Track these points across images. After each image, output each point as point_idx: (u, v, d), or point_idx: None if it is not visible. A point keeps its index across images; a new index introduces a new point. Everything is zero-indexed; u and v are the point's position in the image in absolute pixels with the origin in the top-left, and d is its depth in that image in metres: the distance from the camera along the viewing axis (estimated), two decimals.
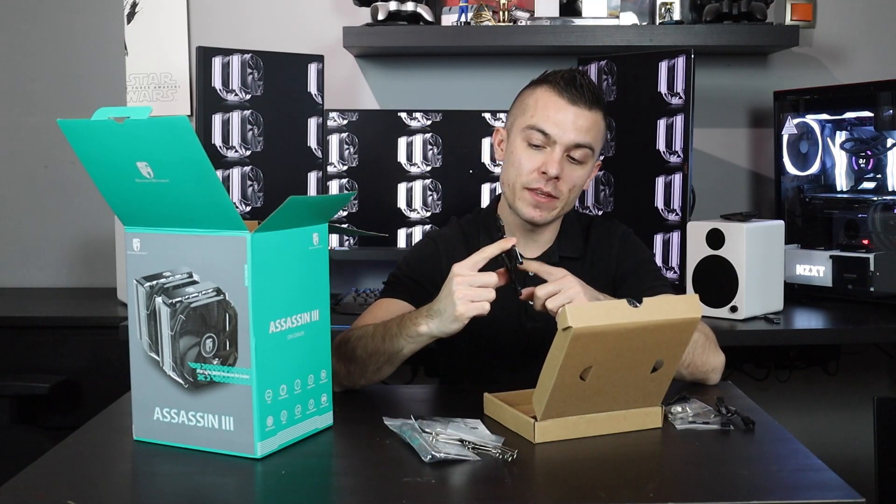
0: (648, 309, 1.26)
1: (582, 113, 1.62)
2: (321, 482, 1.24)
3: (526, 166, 1.64)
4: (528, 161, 1.64)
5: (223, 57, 2.45)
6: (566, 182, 1.64)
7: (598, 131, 1.65)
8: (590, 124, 1.63)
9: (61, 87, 2.82)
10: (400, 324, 1.50)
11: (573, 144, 1.62)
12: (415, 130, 2.57)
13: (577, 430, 1.33)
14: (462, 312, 1.40)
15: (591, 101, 1.63)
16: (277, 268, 1.27)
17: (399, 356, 1.52)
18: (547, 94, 1.64)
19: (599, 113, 1.65)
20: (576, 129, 1.62)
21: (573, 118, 1.62)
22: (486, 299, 1.41)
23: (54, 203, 2.85)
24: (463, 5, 2.56)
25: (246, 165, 2.49)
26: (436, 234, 1.81)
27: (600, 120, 1.66)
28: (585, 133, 1.63)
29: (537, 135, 1.63)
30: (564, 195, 1.65)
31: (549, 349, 1.28)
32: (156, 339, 1.31)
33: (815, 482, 1.18)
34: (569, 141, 1.62)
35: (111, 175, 1.26)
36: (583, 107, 1.62)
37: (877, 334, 2.29)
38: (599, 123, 1.66)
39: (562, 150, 1.62)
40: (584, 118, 1.62)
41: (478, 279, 1.41)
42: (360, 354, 1.52)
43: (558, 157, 1.62)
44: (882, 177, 2.43)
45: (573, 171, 1.64)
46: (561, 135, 1.62)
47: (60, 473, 1.24)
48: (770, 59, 2.78)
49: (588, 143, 1.63)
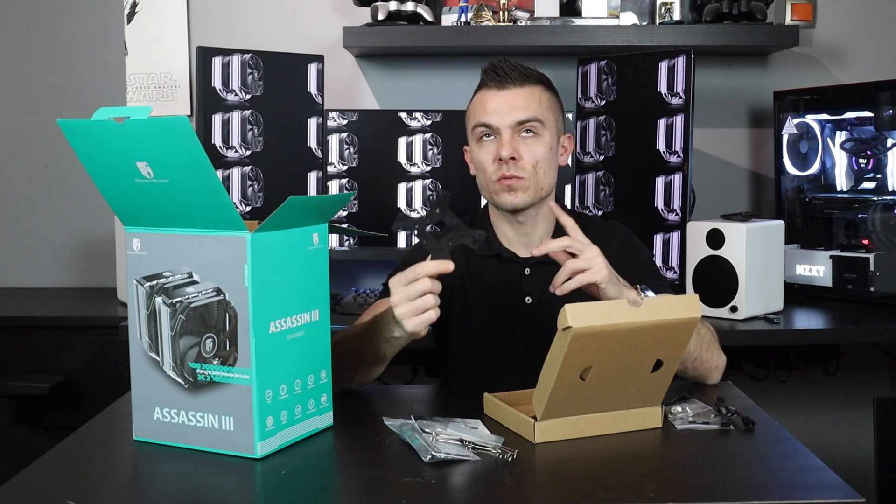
0: (648, 309, 1.26)
1: (513, 92, 1.66)
2: (321, 482, 1.24)
3: (485, 161, 1.67)
4: (484, 156, 1.68)
5: (223, 57, 2.45)
6: (526, 159, 1.65)
7: (539, 103, 1.67)
8: (526, 99, 1.66)
9: (61, 87, 2.82)
10: (375, 329, 1.48)
11: (515, 123, 1.65)
12: (415, 130, 2.57)
13: (577, 430, 1.33)
14: (413, 330, 1.39)
15: (521, 78, 1.66)
16: (277, 268, 1.27)
17: (384, 358, 1.52)
18: (480, 94, 1.70)
19: (536, 86, 1.68)
20: (512, 109, 1.65)
21: (506, 100, 1.65)
22: (429, 307, 1.37)
23: (54, 203, 2.85)
24: (463, 5, 2.56)
25: (246, 165, 2.49)
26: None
27: (539, 91, 1.68)
28: (524, 109, 1.65)
29: (482, 129, 1.67)
30: (529, 171, 1.66)
31: (549, 348, 1.28)
32: (156, 339, 1.31)
33: (815, 482, 1.18)
34: (510, 122, 1.65)
35: (111, 175, 1.26)
36: (513, 86, 1.66)
37: (877, 334, 2.29)
38: (538, 95, 1.67)
39: (509, 133, 1.65)
40: (518, 96, 1.65)
41: (412, 292, 1.37)
42: (346, 359, 1.52)
43: (507, 139, 1.64)
44: (882, 177, 2.43)
45: (530, 146, 1.66)
46: (500, 120, 1.65)
47: (60, 473, 1.24)
48: (770, 59, 2.78)
49: (530, 116, 1.65)
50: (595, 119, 2.51)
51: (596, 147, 2.52)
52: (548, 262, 1.71)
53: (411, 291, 1.37)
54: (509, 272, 1.72)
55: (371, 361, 1.52)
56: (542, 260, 1.72)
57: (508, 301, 1.71)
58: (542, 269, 1.72)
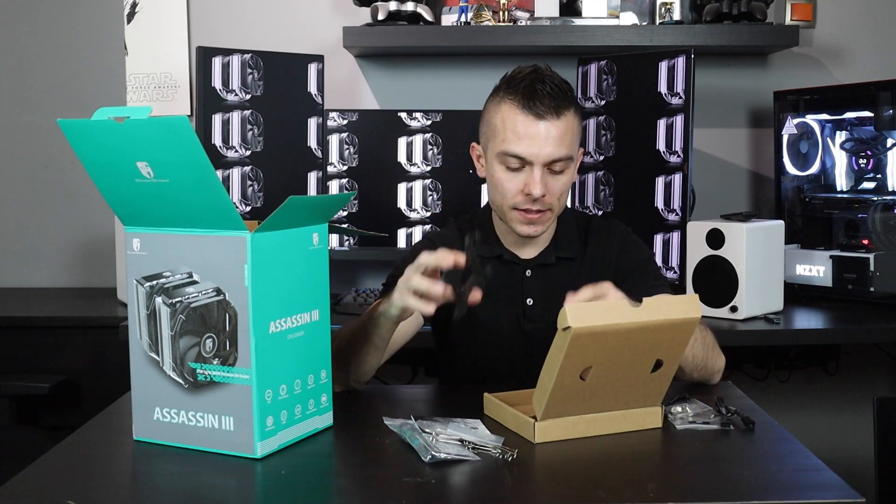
0: (648, 309, 1.26)
1: (551, 125, 1.57)
2: (321, 482, 1.24)
3: (509, 190, 1.61)
4: (510, 184, 1.61)
5: (223, 57, 2.45)
6: (553, 194, 1.61)
7: (572, 135, 1.60)
8: (561, 132, 1.57)
9: (61, 87, 2.82)
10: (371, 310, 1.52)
11: (550, 160, 1.58)
12: (415, 130, 2.57)
13: (577, 430, 1.33)
14: (396, 298, 1.42)
15: (558, 107, 1.57)
16: (277, 268, 1.27)
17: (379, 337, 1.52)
18: (511, 113, 1.58)
19: (569, 112, 1.59)
20: (549, 145, 1.57)
21: (544, 133, 1.56)
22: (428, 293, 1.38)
23: (54, 203, 2.85)
24: (463, 5, 2.56)
25: (246, 165, 2.49)
26: (433, 234, 1.81)
27: (572, 119, 1.60)
28: (559, 144, 1.57)
29: (512, 160, 1.59)
30: (555, 204, 1.63)
31: (549, 349, 1.28)
32: (156, 339, 1.31)
33: (815, 482, 1.18)
34: (545, 158, 1.57)
35: (111, 175, 1.26)
36: (551, 118, 1.56)
37: (877, 334, 2.29)
38: (571, 124, 1.60)
39: (541, 169, 1.58)
40: (555, 128, 1.57)
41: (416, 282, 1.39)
42: (345, 352, 1.53)
43: (538, 178, 1.58)
44: (882, 177, 2.43)
45: (557, 181, 1.61)
46: (536, 154, 1.57)
47: (60, 473, 1.24)
48: (770, 59, 2.78)
49: (565, 154, 1.58)
50: (595, 119, 2.51)
51: (596, 147, 2.52)
52: (549, 264, 1.72)
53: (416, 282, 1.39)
54: (511, 274, 1.72)
55: (367, 344, 1.52)
56: (543, 262, 1.72)
57: (510, 302, 1.71)
58: (544, 271, 1.72)
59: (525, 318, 1.70)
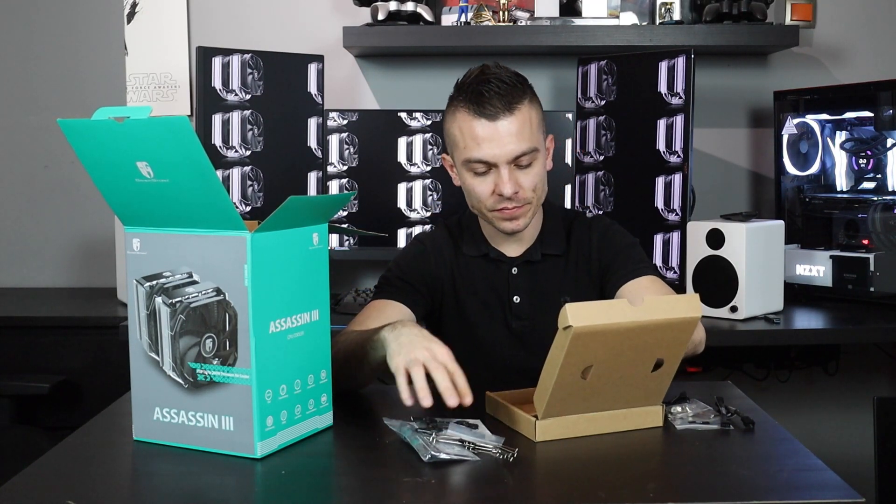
0: (649, 308, 1.26)
1: (506, 122, 1.56)
2: (321, 482, 1.24)
3: (482, 193, 1.62)
4: (481, 188, 1.62)
5: (223, 57, 2.45)
6: (526, 187, 1.61)
7: (530, 126, 1.59)
8: (518, 127, 1.57)
9: (61, 87, 2.82)
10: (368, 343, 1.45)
11: (513, 157, 1.58)
12: (415, 130, 2.57)
13: (577, 429, 1.33)
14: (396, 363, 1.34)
15: (509, 104, 1.57)
16: (277, 268, 1.27)
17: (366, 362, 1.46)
18: (466, 121, 1.59)
19: (522, 105, 1.58)
20: (509, 143, 1.57)
21: (501, 133, 1.57)
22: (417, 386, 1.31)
23: (54, 203, 2.85)
24: (463, 5, 2.56)
25: (246, 165, 2.49)
26: (423, 236, 1.82)
27: (527, 111, 1.59)
28: (519, 140, 1.57)
29: (478, 165, 1.60)
30: (531, 196, 1.62)
31: (550, 348, 1.28)
32: (156, 339, 1.31)
33: (815, 482, 1.18)
34: (508, 156, 1.57)
35: (111, 175, 1.26)
36: (504, 116, 1.56)
37: (877, 334, 2.29)
38: (528, 116, 1.59)
39: (507, 168, 1.58)
40: (511, 125, 1.57)
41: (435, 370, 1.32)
42: (339, 358, 1.50)
43: (507, 177, 1.58)
44: (882, 177, 2.43)
45: (526, 175, 1.61)
46: (498, 155, 1.57)
47: (60, 473, 1.24)
48: (770, 59, 2.78)
49: (527, 147, 1.58)
50: (595, 119, 2.51)
51: (596, 147, 2.52)
52: (535, 261, 1.72)
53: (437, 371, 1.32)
54: (497, 272, 1.73)
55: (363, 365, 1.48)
56: (529, 259, 1.72)
57: (498, 300, 1.72)
58: (530, 268, 1.72)
59: (512, 315, 1.71)
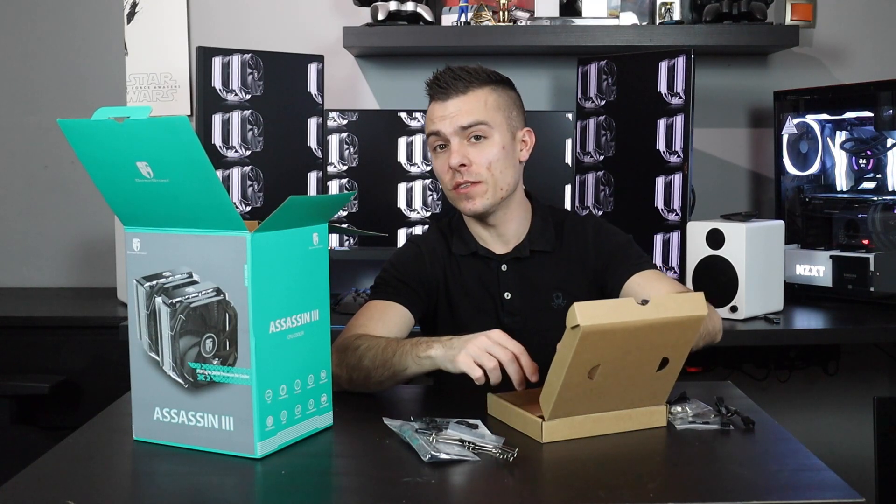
0: (656, 307, 1.26)
1: (457, 100, 1.67)
2: (321, 482, 1.24)
3: (440, 170, 1.70)
4: (439, 166, 1.71)
5: (223, 57, 2.45)
6: (478, 163, 1.66)
7: (483, 105, 1.67)
8: (470, 105, 1.66)
9: (61, 87, 2.82)
10: (414, 343, 1.50)
11: (459, 128, 1.66)
12: (415, 130, 2.57)
13: (583, 429, 1.33)
14: (458, 360, 1.40)
15: (464, 86, 1.67)
16: (277, 268, 1.27)
17: (403, 374, 1.51)
18: (430, 105, 1.71)
19: (481, 89, 1.68)
20: (455, 116, 1.66)
21: (452, 109, 1.67)
22: (486, 366, 1.38)
23: (54, 203, 2.85)
24: (463, 5, 2.56)
25: (246, 165, 2.49)
26: (416, 237, 1.84)
27: (484, 94, 1.68)
28: (468, 114, 1.66)
29: (433, 139, 1.70)
30: (485, 175, 1.67)
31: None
32: (156, 339, 1.31)
33: (815, 482, 1.18)
34: (453, 129, 1.66)
35: (111, 175, 1.26)
36: (456, 94, 1.67)
37: (877, 334, 2.29)
38: (483, 98, 1.68)
39: (456, 140, 1.66)
40: (461, 102, 1.66)
41: (496, 350, 1.39)
42: (366, 364, 1.52)
43: (456, 147, 1.66)
44: (882, 177, 2.43)
45: (480, 150, 1.67)
46: (445, 127, 1.67)
47: (60, 473, 1.24)
48: (770, 59, 2.78)
49: (474, 120, 1.66)
50: (595, 119, 2.51)
51: (596, 147, 2.52)
52: (524, 258, 1.74)
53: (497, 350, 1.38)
54: (487, 269, 1.75)
55: (389, 374, 1.51)
56: (517, 256, 1.74)
57: (489, 297, 1.73)
58: (519, 265, 1.74)
59: (504, 311, 1.72)
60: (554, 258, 1.74)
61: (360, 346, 1.54)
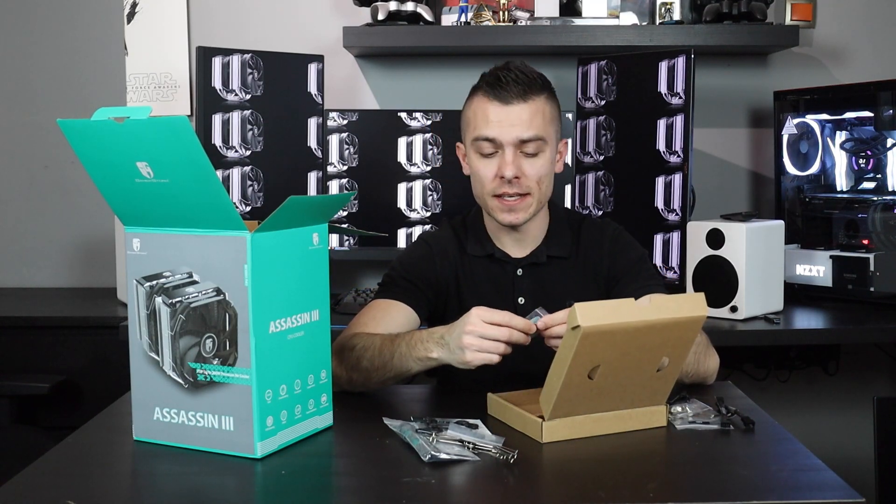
0: (656, 307, 1.26)
1: (519, 108, 1.62)
2: (321, 482, 1.24)
3: (486, 176, 1.65)
4: (485, 170, 1.65)
5: (223, 57, 2.45)
6: (529, 177, 1.63)
7: (543, 118, 1.64)
8: (530, 115, 1.62)
9: (61, 87, 2.82)
10: (410, 343, 1.48)
11: (519, 141, 1.62)
12: (415, 130, 2.57)
13: (583, 429, 1.33)
14: (469, 361, 1.39)
15: (524, 92, 1.62)
16: (277, 268, 1.27)
17: (406, 375, 1.52)
18: (480, 102, 1.65)
19: (538, 98, 1.64)
20: (516, 126, 1.61)
21: (512, 116, 1.62)
22: (495, 352, 1.39)
23: (54, 203, 2.85)
24: (463, 5, 2.56)
25: (246, 165, 2.49)
26: (428, 235, 1.82)
27: (542, 104, 1.64)
28: (528, 126, 1.62)
29: (484, 144, 1.64)
30: (534, 189, 1.64)
31: (558, 348, 1.28)
32: (156, 339, 1.31)
33: (815, 482, 1.18)
34: (513, 139, 1.62)
35: (111, 175, 1.26)
36: (516, 101, 1.62)
37: (877, 334, 2.29)
38: (542, 109, 1.64)
39: (511, 150, 1.62)
40: (523, 111, 1.62)
41: (489, 332, 1.38)
42: (365, 366, 1.52)
43: (510, 158, 1.62)
44: (882, 177, 2.43)
45: (532, 164, 1.64)
46: (504, 136, 1.62)
47: (60, 473, 1.24)
48: (770, 59, 2.78)
49: (534, 135, 1.62)
50: (595, 119, 2.51)
51: (596, 147, 2.52)
52: (540, 263, 1.72)
53: (488, 332, 1.38)
54: (502, 273, 1.73)
55: (392, 376, 1.52)
56: (534, 261, 1.72)
57: (502, 302, 1.71)
58: (535, 270, 1.72)
59: None
60: (569, 264, 1.73)
61: (357, 345, 1.54)
